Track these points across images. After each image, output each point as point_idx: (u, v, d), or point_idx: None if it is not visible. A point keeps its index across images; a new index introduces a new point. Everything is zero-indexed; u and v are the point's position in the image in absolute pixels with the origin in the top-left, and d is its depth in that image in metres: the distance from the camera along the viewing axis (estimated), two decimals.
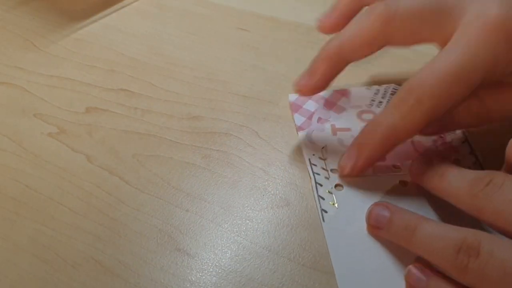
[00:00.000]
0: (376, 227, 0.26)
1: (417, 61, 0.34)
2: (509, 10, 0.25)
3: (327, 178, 0.30)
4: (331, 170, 0.30)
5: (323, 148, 0.32)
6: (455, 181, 0.25)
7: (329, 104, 0.35)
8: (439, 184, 0.26)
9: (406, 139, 0.28)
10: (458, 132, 0.32)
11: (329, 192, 0.29)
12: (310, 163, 0.31)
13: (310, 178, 0.30)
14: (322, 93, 0.33)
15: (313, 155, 0.31)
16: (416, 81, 0.26)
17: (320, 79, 0.30)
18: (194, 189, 0.30)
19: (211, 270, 0.27)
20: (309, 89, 0.31)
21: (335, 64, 0.30)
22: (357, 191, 0.29)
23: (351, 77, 0.36)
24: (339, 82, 0.33)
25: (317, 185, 0.30)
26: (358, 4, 0.32)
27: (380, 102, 0.35)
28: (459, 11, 0.26)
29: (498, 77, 0.27)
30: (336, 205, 0.29)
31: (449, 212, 0.27)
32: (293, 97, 0.35)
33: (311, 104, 0.35)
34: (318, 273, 0.26)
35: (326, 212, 0.29)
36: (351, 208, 0.28)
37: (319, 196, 0.29)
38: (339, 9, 0.32)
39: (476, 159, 0.30)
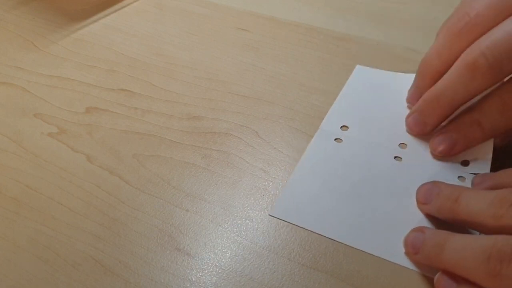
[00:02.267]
0: (414, 253, 0.26)
1: (417, 61, 0.34)
2: None
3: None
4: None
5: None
6: (473, 204, 0.24)
7: None
8: (455, 209, 0.25)
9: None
10: None
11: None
12: None
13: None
14: None
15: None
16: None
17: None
18: (194, 189, 0.30)
19: (211, 270, 0.27)
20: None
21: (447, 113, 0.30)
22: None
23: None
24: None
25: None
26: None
27: None
28: None
29: None
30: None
31: None
32: None
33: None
34: (318, 273, 0.26)
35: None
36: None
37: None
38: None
39: None
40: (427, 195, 0.27)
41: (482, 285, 0.22)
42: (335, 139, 0.32)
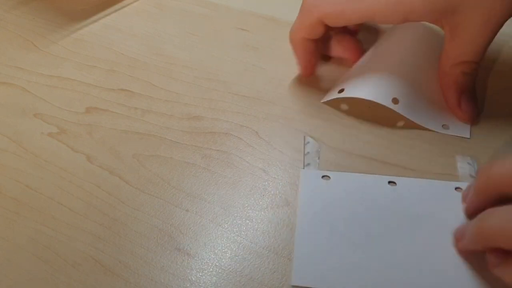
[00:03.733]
0: (458, 239, 0.26)
1: None
2: None
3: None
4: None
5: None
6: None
7: None
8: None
9: None
10: None
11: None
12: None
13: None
14: None
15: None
16: None
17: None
18: (194, 189, 0.30)
19: (211, 270, 0.27)
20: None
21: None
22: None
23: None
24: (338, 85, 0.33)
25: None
26: None
27: None
28: None
29: None
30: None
31: None
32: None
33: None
34: None
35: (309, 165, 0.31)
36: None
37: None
38: None
39: None
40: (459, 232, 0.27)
41: None
42: (322, 177, 0.30)
